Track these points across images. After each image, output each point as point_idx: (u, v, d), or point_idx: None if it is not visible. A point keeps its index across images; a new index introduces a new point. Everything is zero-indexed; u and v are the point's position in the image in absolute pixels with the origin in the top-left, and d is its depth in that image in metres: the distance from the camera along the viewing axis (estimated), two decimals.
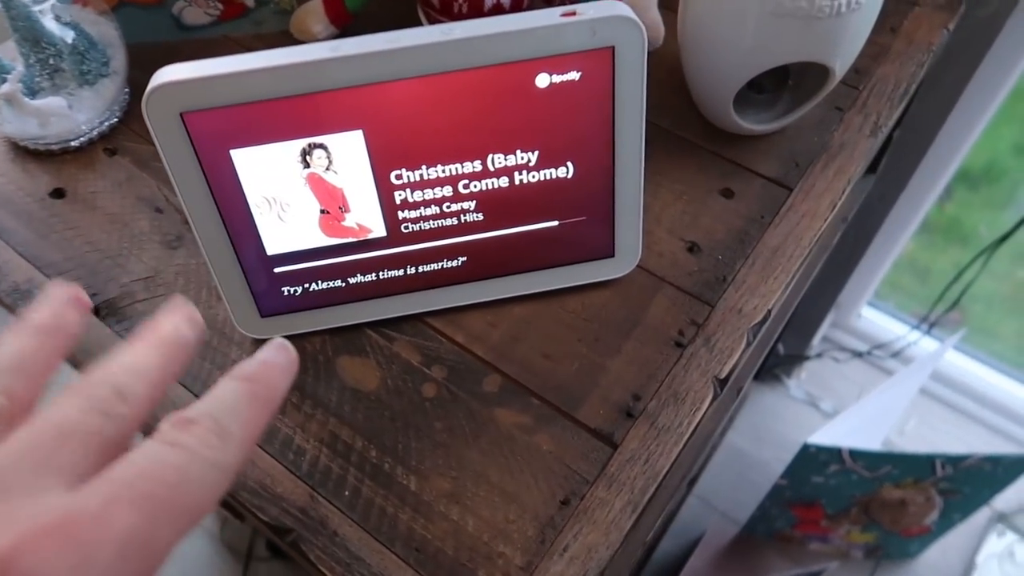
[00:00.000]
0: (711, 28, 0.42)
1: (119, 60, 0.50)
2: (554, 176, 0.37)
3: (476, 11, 0.49)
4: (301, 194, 0.36)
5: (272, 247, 0.38)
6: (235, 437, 0.21)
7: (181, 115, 0.33)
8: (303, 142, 0.34)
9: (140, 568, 0.18)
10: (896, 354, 1.15)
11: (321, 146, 0.35)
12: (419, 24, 0.52)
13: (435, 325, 0.41)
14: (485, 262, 0.40)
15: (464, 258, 0.40)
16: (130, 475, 0.19)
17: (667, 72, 0.51)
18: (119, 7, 0.53)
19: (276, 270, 0.38)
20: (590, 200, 0.39)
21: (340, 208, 0.37)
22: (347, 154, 0.35)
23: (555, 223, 0.39)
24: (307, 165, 0.35)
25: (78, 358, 0.41)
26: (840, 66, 0.42)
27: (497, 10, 0.49)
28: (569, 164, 0.37)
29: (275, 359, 0.24)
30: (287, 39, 0.54)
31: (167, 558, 0.19)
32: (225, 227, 0.36)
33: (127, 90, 0.52)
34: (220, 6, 0.54)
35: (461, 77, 0.33)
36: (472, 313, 0.41)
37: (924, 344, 1.12)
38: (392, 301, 0.41)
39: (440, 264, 0.40)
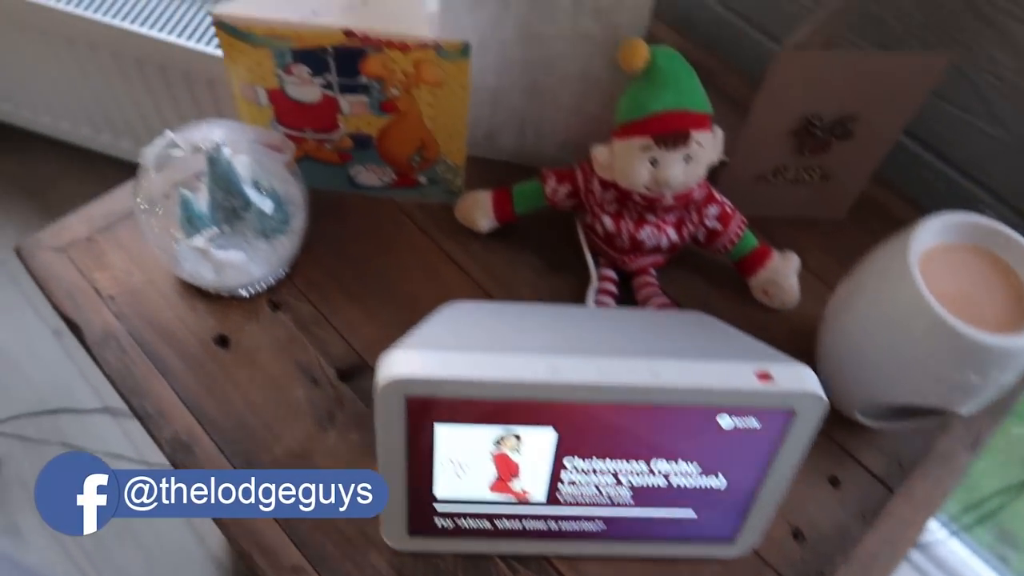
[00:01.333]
0: (866, 347, 0.46)
1: (299, 220, 0.53)
2: (707, 485, 0.41)
3: (636, 248, 0.53)
4: (484, 464, 0.40)
5: (441, 492, 0.41)
6: None
7: (406, 397, 0.36)
8: (502, 429, 0.38)
9: None
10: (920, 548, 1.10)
11: (516, 435, 0.38)
12: (575, 239, 0.55)
13: (559, 567, 0.45)
14: (620, 529, 0.44)
15: (603, 525, 0.43)
16: None
17: (791, 332, 0.55)
18: (302, 159, 0.56)
19: (437, 506, 0.42)
20: (732, 502, 0.42)
21: (512, 475, 0.40)
22: (536, 443, 0.39)
23: (693, 514, 0.43)
24: (498, 446, 0.39)
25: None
26: (967, 411, 0.46)
27: (656, 251, 0.53)
28: (723, 477, 0.41)
29: None
30: (447, 213, 0.57)
31: None
32: (407, 471, 0.40)
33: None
34: (394, 176, 0.57)
35: (657, 408, 0.37)
36: (594, 563, 0.45)
37: (951, 545, 1.08)
38: (527, 542, 0.44)
39: (580, 526, 0.43)
